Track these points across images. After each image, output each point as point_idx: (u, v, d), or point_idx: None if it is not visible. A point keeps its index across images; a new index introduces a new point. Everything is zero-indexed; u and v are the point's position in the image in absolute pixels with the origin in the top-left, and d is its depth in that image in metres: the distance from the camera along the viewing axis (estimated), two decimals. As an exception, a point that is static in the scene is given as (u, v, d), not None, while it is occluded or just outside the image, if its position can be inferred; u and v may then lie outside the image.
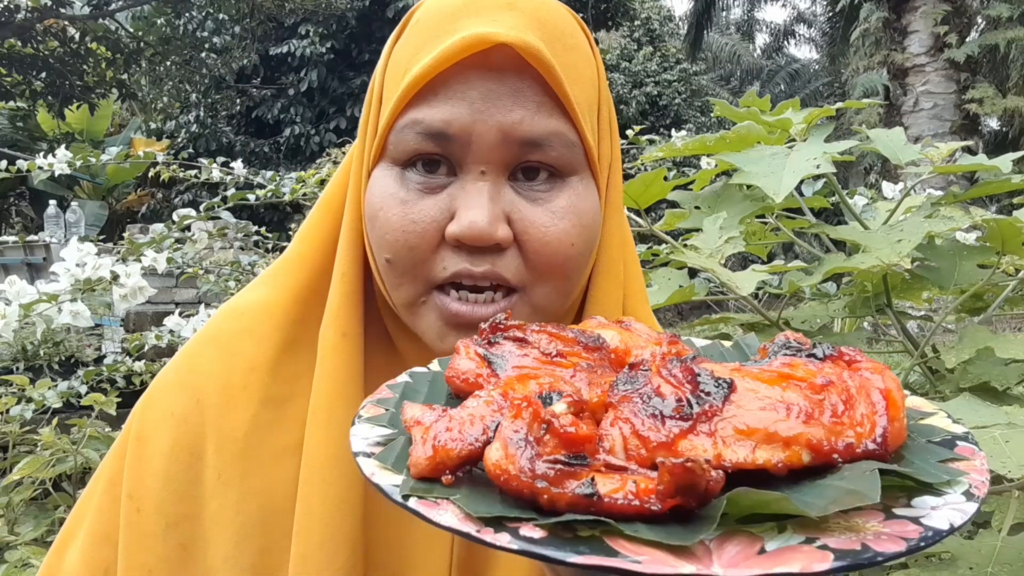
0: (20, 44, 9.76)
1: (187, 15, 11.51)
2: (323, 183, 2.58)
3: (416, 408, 0.43)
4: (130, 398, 0.72)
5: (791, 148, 1.18)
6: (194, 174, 2.87)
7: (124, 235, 3.44)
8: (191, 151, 11.61)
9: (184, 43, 11.18)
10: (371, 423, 0.46)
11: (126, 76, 11.04)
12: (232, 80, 12.22)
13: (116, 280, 1.68)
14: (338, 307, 0.63)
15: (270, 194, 2.53)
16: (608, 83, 0.67)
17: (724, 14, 24.03)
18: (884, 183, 2.01)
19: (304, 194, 2.57)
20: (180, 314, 2.14)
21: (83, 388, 1.95)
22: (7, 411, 1.84)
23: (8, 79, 10.01)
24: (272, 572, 0.61)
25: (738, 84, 21.98)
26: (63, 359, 3.38)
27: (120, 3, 10.66)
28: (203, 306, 2.22)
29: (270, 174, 2.79)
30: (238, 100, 12.67)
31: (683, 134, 2.55)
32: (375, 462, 0.41)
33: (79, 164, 2.63)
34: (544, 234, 0.59)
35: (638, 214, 1.37)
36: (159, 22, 11.35)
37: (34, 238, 7.27)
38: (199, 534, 0.63)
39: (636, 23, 15.57)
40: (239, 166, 2.86)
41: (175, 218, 2.33)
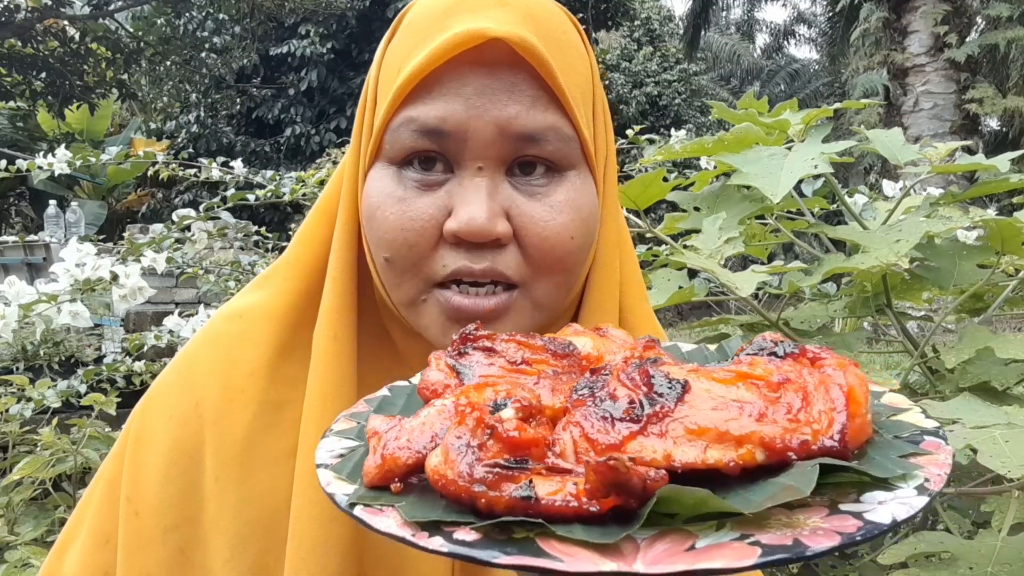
0: (20, 44, 9.76)
1: (187, 15, 11.51)
2: (323, 183, 2.58)
3: (377, 419, 0.44)
4: (130, 398, 0.72)
5: (789, 149, 1.18)
6: (194, 173, 2.86)
7: (124, 235, 3.44)
8: (191, 151, 11.62)
9: (184, 43, 11.18)
10: (339, 436, 0.47)
11: (126, 76, 11.04)
12: (232, 80, 12.22)
13: (115, 280, 1.68)
14: (330, 310, 0.63)
15: (270, 194, 2.53)
16: (607, 83, 0.67)
17: (724, 14, 24.05)
18: (884, 182, 2.01)
19: (304, 194, 2.56)
20: (180, 314, 2.14)
21: (83, 388, 1.95)
22: (7, 411, 1.84)
23: (8, 79, 10.02)
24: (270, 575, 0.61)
25: (738, 84, 21.98)
26: (63, 359, 3.38)
27: (120, 3, 10.65)
28: (203, 306, 2.22)
29: (270, 174, 2.79)
30: (238, 100, 12.67)
31: (682, 135, 2.55)
32: (331, 473, 0.43)
33: (79, 164, 2.63)
34: (543, 229, 0.59)
35: (637, 215, 1.37)
36: (159, 22, 11.36)
37: (34, 238, 7.27)
38: (198, 537, 0.63)
39: (636, 23, 15.58)
40: (239, 166, 2.85)
41: (175, 218, 2.33)
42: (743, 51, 23.31)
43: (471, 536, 0.35)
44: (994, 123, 14.03)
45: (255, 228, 3.26)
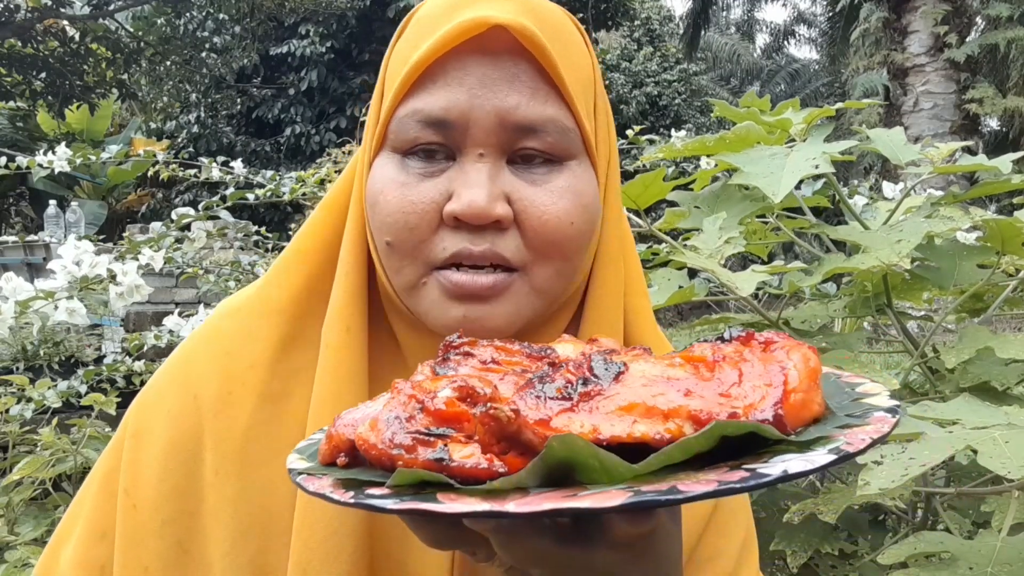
0: (20, 44, 9.75)
1: (187, 15, 11.50)
2: (323, 183, 2.58)
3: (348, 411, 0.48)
4: (130, 398, 0.72)
5: (791, 148, 1.18)
6: (194, 173, 2.87)
7: (124, 235, 3.44)
8: (191, 151, 11.63)
9: (184, 43, 11.17)
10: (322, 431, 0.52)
11: (126, 76, 11.03)
12: (232, 80, 12.22)
13: (114, 279, 1.68)
14: (343, 303, 0.63)
15: (270, 194, 2.53)
16: (607, 83, 0.67)
17: (724, 14, 24.06)
18: (884, 183, 2.01)
19: (304, 194, 2.56)
20: (180, 314, 2.14)
21: (83, 388, 1.95)
22: (7, 411, 1.84)
23: (8, 79, 10.01)
24: (270, 569, 0.61)
25: (738, 84, 21.98)
26: (63, 359, 3.37)
27: (120, 3, 10.65)
28: (203, 306, 2.22)
29: (270, 174, 2.79)
30: (238, 100, 12.67)
31: (683, 134, 2.55)
32: (296, 455, 0.49)
33: (79, 163, 2.63)
34: (543, 212, 0.59)
35: (638, 214, 1.37)
36: (159, 22, 11.35)
37: (34, 238, 7.27)
38: (196, 531, 0.63)
39: (636, 23, 15.59)
40: (239, 166, 2.85)
41: (174, 217, 2.33)
42: (743, 51, 23.32)
43: (380, 492, 0.38)
44: (994, 123, 14.03)
45: (255, 228, 3.26)
